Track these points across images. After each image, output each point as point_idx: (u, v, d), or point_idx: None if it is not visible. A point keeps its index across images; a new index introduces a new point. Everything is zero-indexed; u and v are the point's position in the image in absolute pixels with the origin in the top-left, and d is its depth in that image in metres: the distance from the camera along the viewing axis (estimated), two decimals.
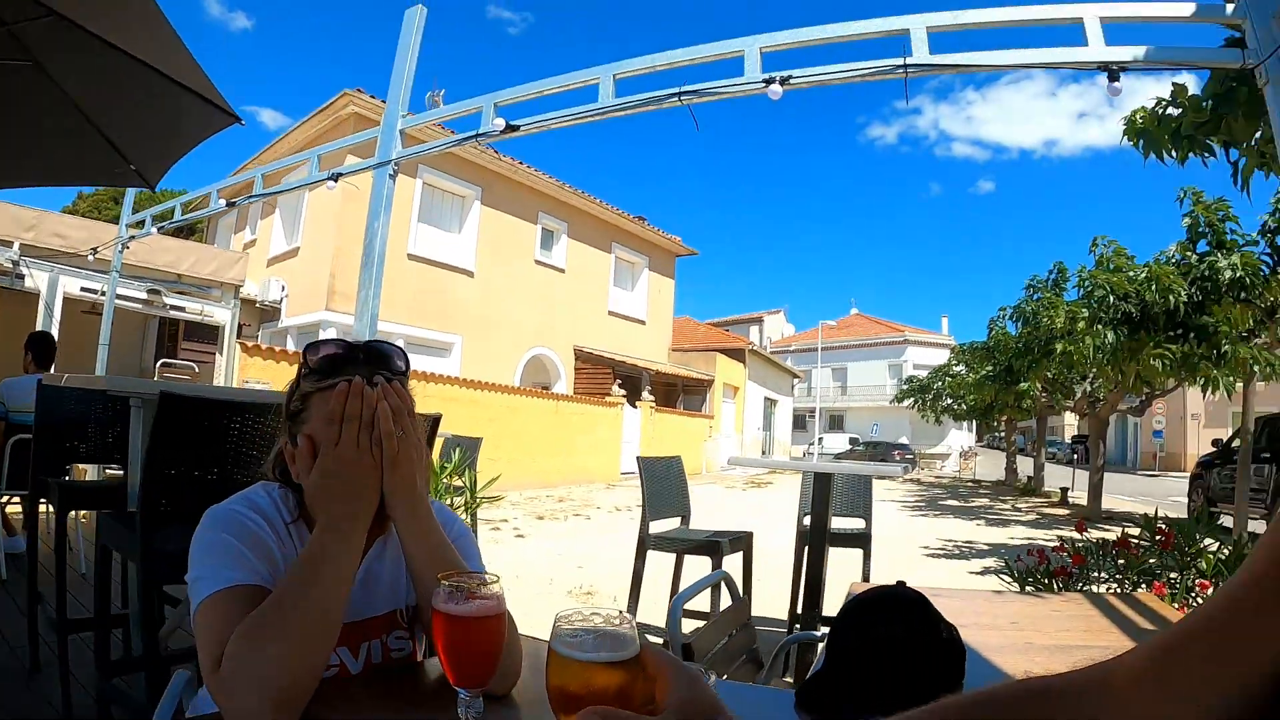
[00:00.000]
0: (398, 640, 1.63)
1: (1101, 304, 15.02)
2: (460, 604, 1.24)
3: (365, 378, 1.52)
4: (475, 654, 1.26)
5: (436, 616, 1.24)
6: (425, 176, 22.20)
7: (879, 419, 60.38)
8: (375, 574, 1.61)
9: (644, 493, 5.86)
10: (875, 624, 1.83)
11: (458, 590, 1.24)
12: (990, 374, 27.22)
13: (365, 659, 1.57)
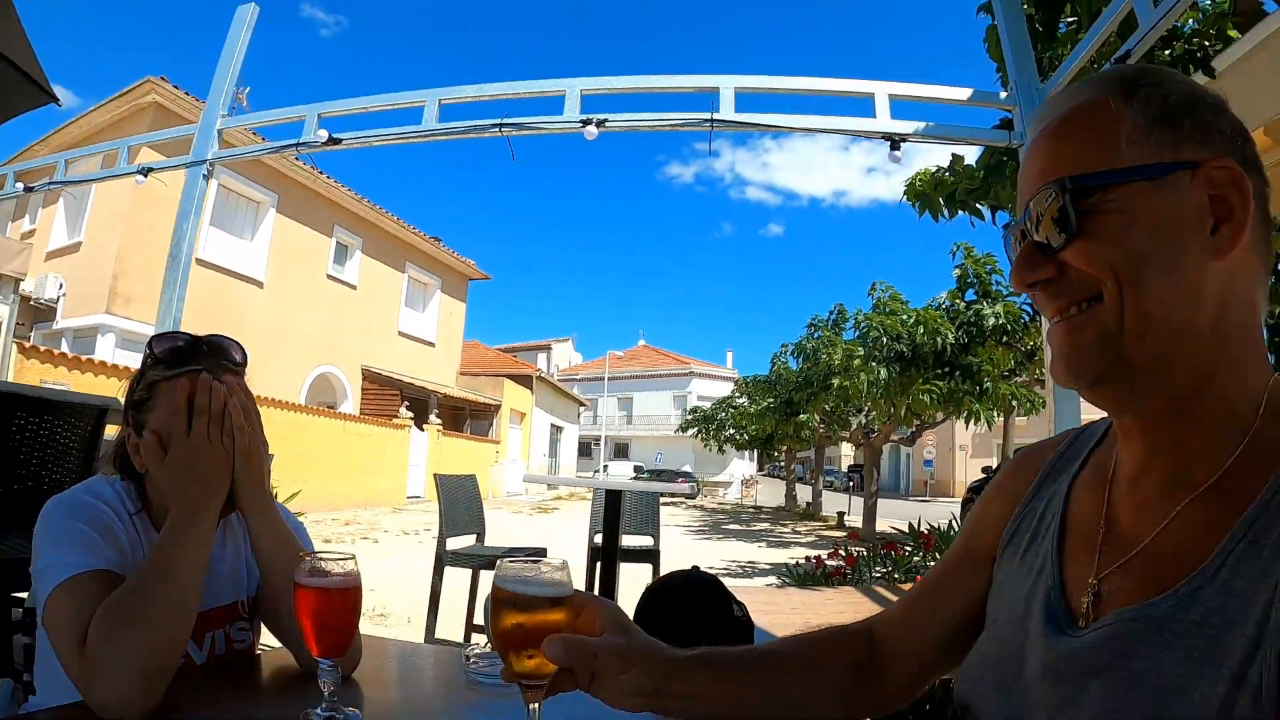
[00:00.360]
0: (240, 631, 1.67)
1: (876, 344, 16.15)
2: (323, 578, 1.32)
3: (209, 369, 1.60)
4: (337, 623, 1.33)
5: (301, 591, 1.31)
6: (221, 177, 20.65)
7: (663, 448, 61.24)
8: (217, 564, 1.64)
9: (441, 509, 5.93)
10: (674, 603, 2.03)
11: (320, 566, 1.32)
12: (771, 406, 28.20)
13: (209, 650, 1.60)
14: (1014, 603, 0.99)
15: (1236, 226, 0.84)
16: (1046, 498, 1.07)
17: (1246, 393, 0.85)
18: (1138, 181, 0.85)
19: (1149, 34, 3.31)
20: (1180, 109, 0.88)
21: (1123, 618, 0.82)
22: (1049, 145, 0.93)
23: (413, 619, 7.40)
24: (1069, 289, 0.89)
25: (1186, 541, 0.82)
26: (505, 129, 4.63)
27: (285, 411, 20.08)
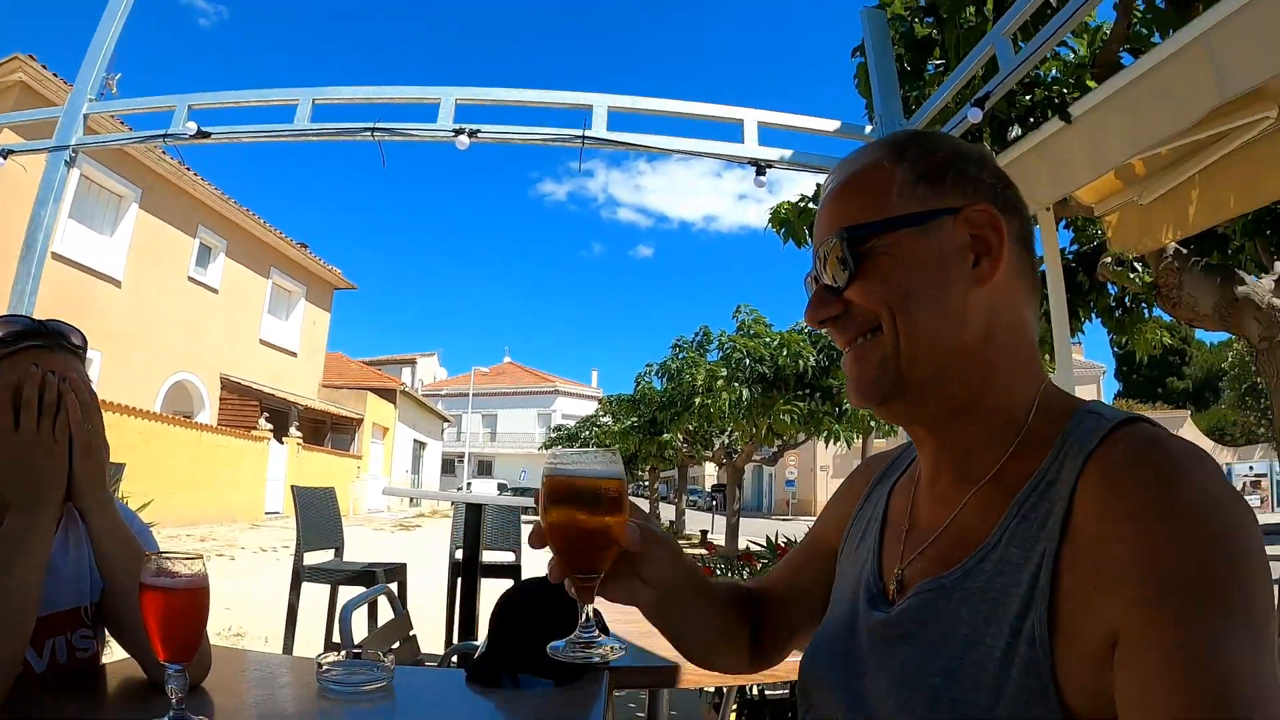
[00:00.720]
0: (83, 640, 1.60)
1: (739, 365, 16.37)
2: (170, 579, 1.27)
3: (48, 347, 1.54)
4: (186, 626, 1.30)
5: (147, 593, 1.27)
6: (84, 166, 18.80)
7: (527, 465, 61.01)
8: (58, 567, 1.55)
9: (299, 524, 5.75)
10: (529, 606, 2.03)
11: (166, 567, 1.28)
12: (635, 425, 28.17)
13: (50, 658, 1.53)
14: (846, 589, 1.16)
15: (994, 259, 0.99)
16: (875, 501, 1.24)
17: (1018, 396, 1.00)
18: (905, 228, 0.99)
19: (1008, 78, 3.47)
20: (944, 165, 1.03)
21: (920, 590, 0.96)
22: (835, 202, 1.07)
23: (269, 639, 7.14)
24: (853, 324, 1.03)
25: (973, 526, 0.96)
26: (378, 133, 4.55)
27: (139, 420, 19.02)
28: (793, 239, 5.38)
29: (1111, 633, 0.77)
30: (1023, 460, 0.95)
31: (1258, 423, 33.30)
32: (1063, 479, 0.88)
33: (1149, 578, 0.76)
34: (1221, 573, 0.75)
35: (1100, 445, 0.88)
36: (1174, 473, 0.81)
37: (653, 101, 4.57)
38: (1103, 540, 0.81)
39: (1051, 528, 0.85)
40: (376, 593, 2.99)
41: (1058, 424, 0.95)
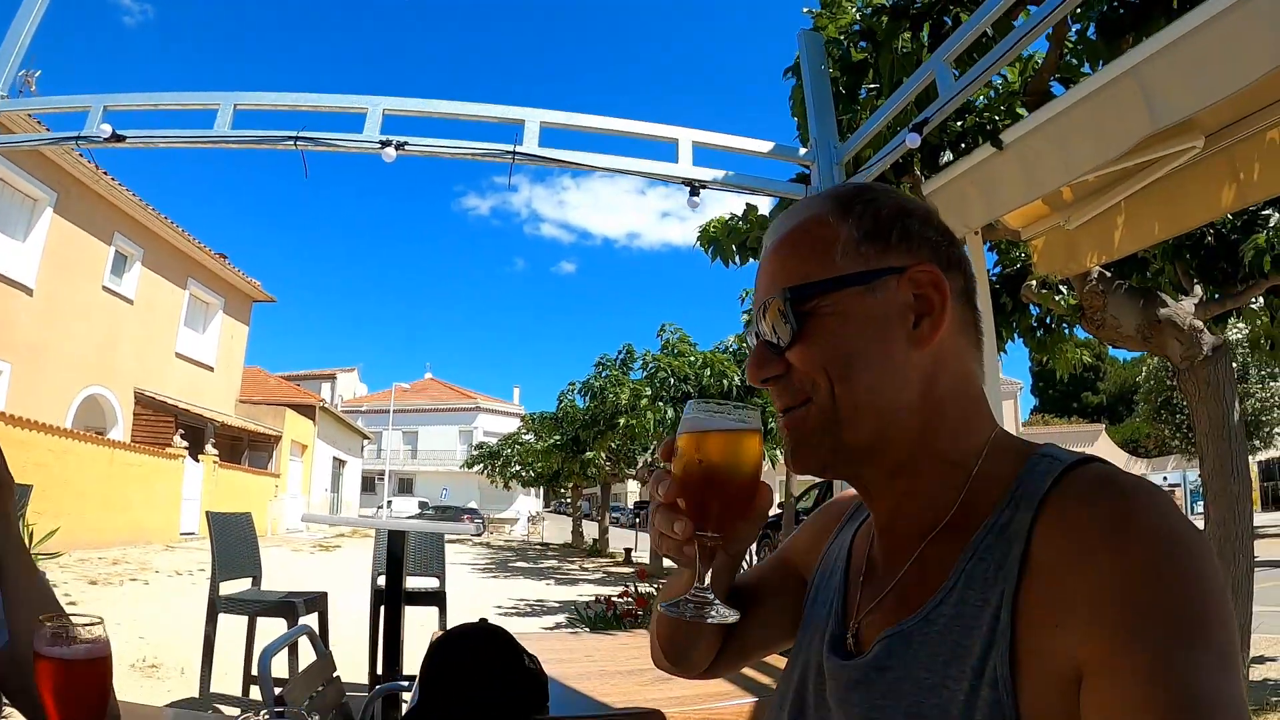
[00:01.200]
0: None
1: (663, 384, 16.41)
2: (67, 647, 1.17)
3: None
4: (85, 699, 1.20)
5: (42, 663, 1.17)
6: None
7: (449, 483, 60.44)
8: None
9: (214, 551, 5.54)
10: (463, 657, 1.94)
11: (62, 632, 1.18)
12: (558, 443, 28.18)
13: None
14: (812, 635, 1.13)
15: (935, 320, 0.98)
16: (840, 543, 1.22)
17: (967, 446, 0.99)
18: (850, 288, 0.98)
19: (948, 104, 3.48)
20: (889, 222, 1.02)
21: (880, 638, 0.95)
22: (777, 256, 1.06)
23: (186, 670, 6.88)
24: (793, 387, 1.01)
25: (929, 571, 0.95)
26: (301, 143, 4.35)
27: (49, 436, 18.15)
28: (721, 257, 5.37)
29: (1076, 667, 0.77)
30: (976, 506, 0.95)
31: (1172, 435, 34.41)
32: (1018, 519, 0.88)
33: (1113, 609, 0.76)
34: (1186, 600, 0.76)
35: (1055, 485, 0.88)
36: (1130, 506, 0.82)
37: (587, 118, 4.48)
38: (1063, 575, 0.81)
39: (1009, 568, 0.85)
40: (296, 634, 2.87)
41: (1011, 468, 0.95)
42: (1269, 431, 32.59)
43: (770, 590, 1.32)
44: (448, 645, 2.03)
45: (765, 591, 1.32)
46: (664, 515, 1.01)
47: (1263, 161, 3.39)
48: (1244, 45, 2.41)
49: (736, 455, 1.00)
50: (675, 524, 0.99)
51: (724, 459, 0.99)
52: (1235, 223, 5.50)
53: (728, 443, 1.00)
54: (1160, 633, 0.74)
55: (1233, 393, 5.51)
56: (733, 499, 1.00)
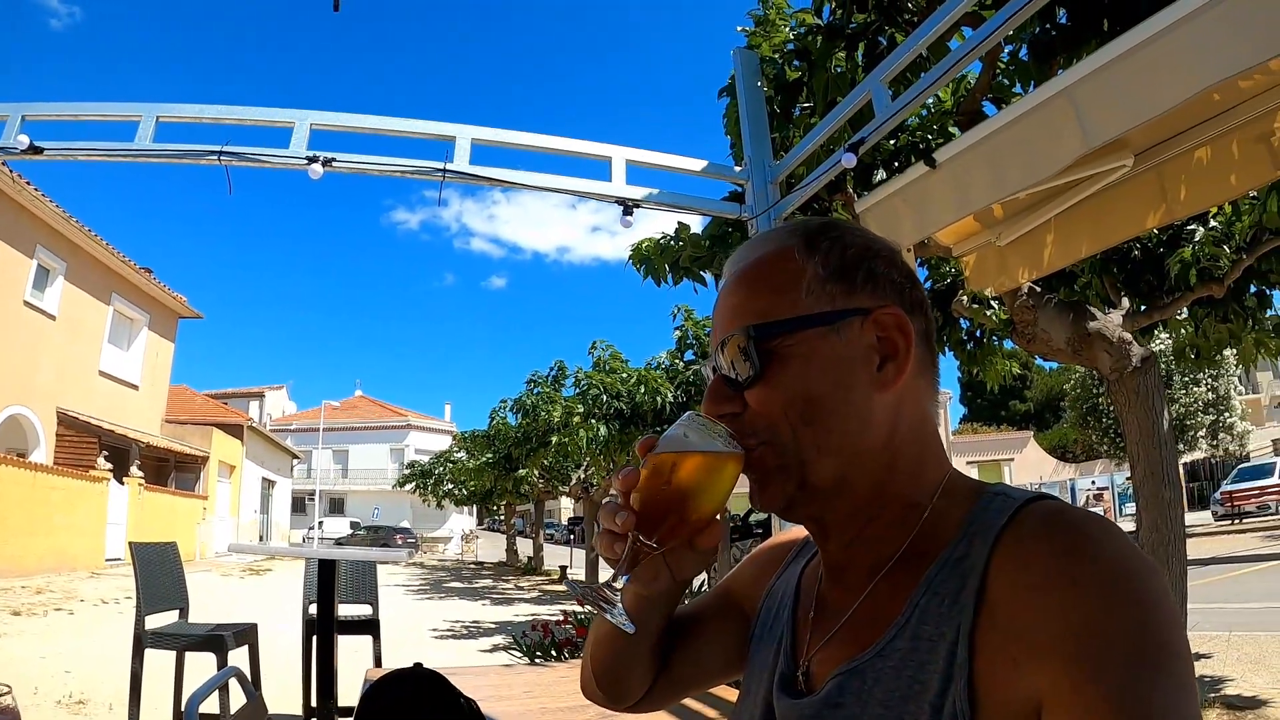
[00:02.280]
0: None
1: (596, 401, 16.35)
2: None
3: None
4: None
5: None
6: None
7: (380, 503, 59.54)
8: None
9: (138, 584, 5.34)
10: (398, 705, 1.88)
11: None
12: (490, 461, 28.01)
13: None
14: (760, 673, 1.10)
15: (899, 364, 0.97)
16: (788, 579, 1.19)
17: (924, 485, 0.98)
18: (815, 328, 0.96)
19: (883, 125, 3.49)
20: (856, 261, 1.01)
21: (833, 675, 0.93)
22: (740, 288, 1.04)
23: (115, 706, 6.64)
24: (751, 427, 0.97)
25: (882, 607, 0.93)
26: (225, 158, 4.20)
27: None
28: (653, 277, 5.34)
29: (1035, 701, 0.76)
30: (930, 542, 0.93)
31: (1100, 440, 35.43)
32: (974, 555, 0.87)
33: (1072, 641, 0.75)
34: (1144, 632, 0.75)
35: (1010, 521, 0.87)
36: (1084, 539, 0.81)
37: (519, 135, 4.41)
38: (1019, 609, 0.80)
39: (964, 603, 0.84)
40: (224, 677, 2.76)
41: (964, 506, 0.94)
42: (1193, 435, 33.64)
43: (708, 625, 1.29)
44: (381, 692, 1.97)
45: (703, 626, 1.29)
46: (613, 509, 0.97)
47: (1190, 179, 3.47)
48: (1173, 68, 2.46)
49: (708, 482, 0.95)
50: (619, 515, 0.95)
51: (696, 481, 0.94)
52: (1161, 237, 5.65)
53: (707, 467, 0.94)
54: (1120, 665, 0.73)
55: (1161, 402, 5.63)
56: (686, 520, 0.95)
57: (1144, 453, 5.56)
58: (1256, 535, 25.05)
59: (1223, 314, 5.98)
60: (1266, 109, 3.15)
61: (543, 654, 5.93)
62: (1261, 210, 4.91)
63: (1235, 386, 35.39)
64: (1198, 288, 5.48)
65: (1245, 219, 5.28)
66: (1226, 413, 34.39)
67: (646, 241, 5.44)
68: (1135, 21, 2.58)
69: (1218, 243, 5.36)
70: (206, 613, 7.58)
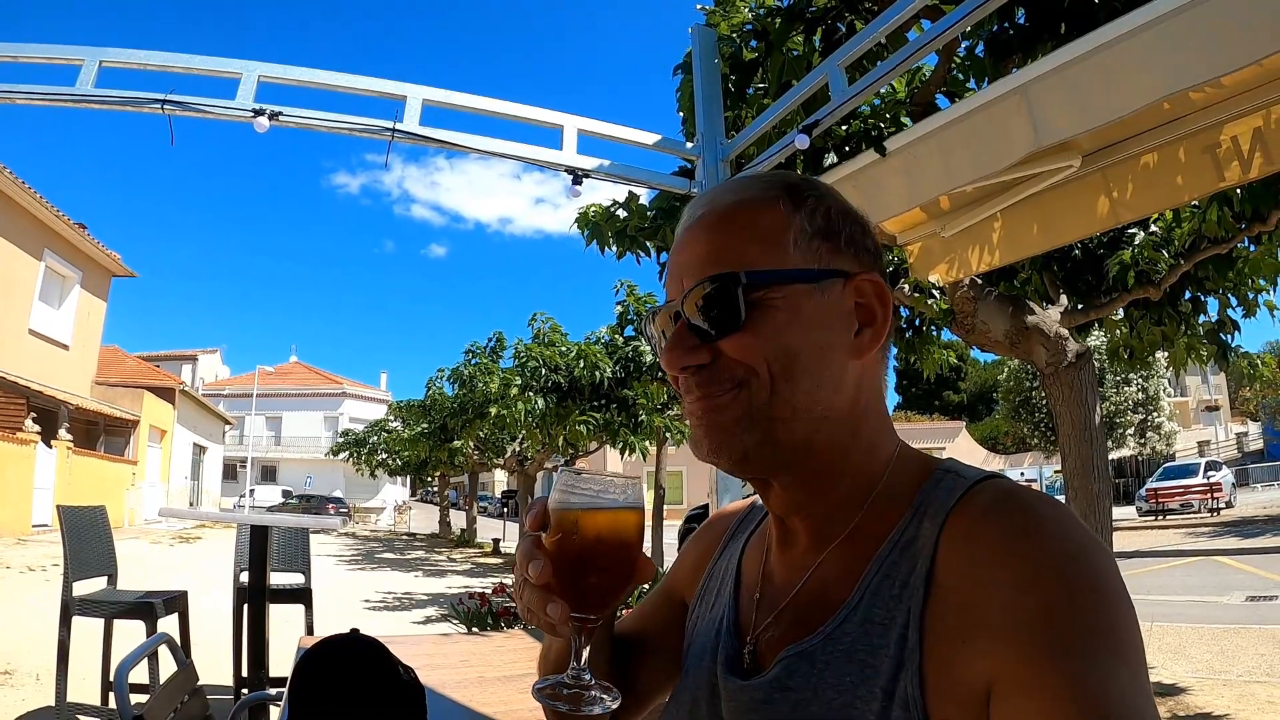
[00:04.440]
0: None
1: (534, 374, 16.30)
2: None
3: None
4: None
5: None
6: None
7: (313, 471, 58.85)
8: None
9: (66, 549, 5.21)
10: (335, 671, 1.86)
11: None
12: (426, 431, 27.79)
13: None
14: (701, 653, 1.08)
15: (876, 332, 0.97)
16: (729, 556, 1.17)
17: (876, 459, 0.97)
18: (800, 284, 0.93)
19: (838, 109, 3.51)
20: (839, 222, 0.98)
21: (782, 657, 0.91)
22: (713, 234, 0.98)
23: (42, 676, 6.52)
24: (719, 376, 0.94)
25: (831, 587, 0.92)
26: (168, 107, 4.02)
27: None
28: (598, 243, 5.32)
29: (987, 683, 0.76)
30: (878, 520, 0.93)
31: (1030, 433, 36.30)
32: (923, 536, 0.87)
33: (1024, 623, 0.75)
34: (1092, 612, 0.75)
35: (960, 502, 0.87)
36: (1033, 521, 0.82)
37: (471, 98, 4.32)
38: (970, 591, 0.80)
39: (915, 585, 0.84)
40: (154, 644, 2.72)
41: (913, 483, 0.94)
42: (1122, 433, 34.50)
43: (657, 631, 1.26)
44: (317, 659, 1.93)
45: (652, 633, 1.27)
46: (536, 595, 0.90)
47: (1136, 184, 3.54)
48: (1127, 76, 2.50)
49: (619, 535, 0.91)
50: (549, 606, 0.89)
51: (605, 540, 0.91)
52: (1102, 239, 5.77)
53: (610, 522, 0.91)
54: (1075, 648, 0.73)
55: (1094, 398, 5.75)
56: (613, 580, 0.92)
57: (1075, 446, 5.68)
58: (1179, 531, 25.80)
59: (1157, 317, 6.12)
60: (1213, 121, 3.22)
61: (479, 624, 5.92)
62: (1201, 219, 5.02)
63: (1165, 388, 36.41)
64: (1135, 290, 5.60)
65: (1185, 226, 5.41)
66: (1155, 413, 35.39)
67: (594, 207, 5.41)
68: (1093, 26, 2.62)
69: (1157, 247, 5.48)
70: (135, 580, 7.44)
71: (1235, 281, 5.89)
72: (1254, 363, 8.25)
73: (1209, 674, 7.88)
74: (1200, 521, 27.85)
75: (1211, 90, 3.01)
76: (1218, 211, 4.85)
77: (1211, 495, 29.96)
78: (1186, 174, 3.40)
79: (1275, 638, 9.59)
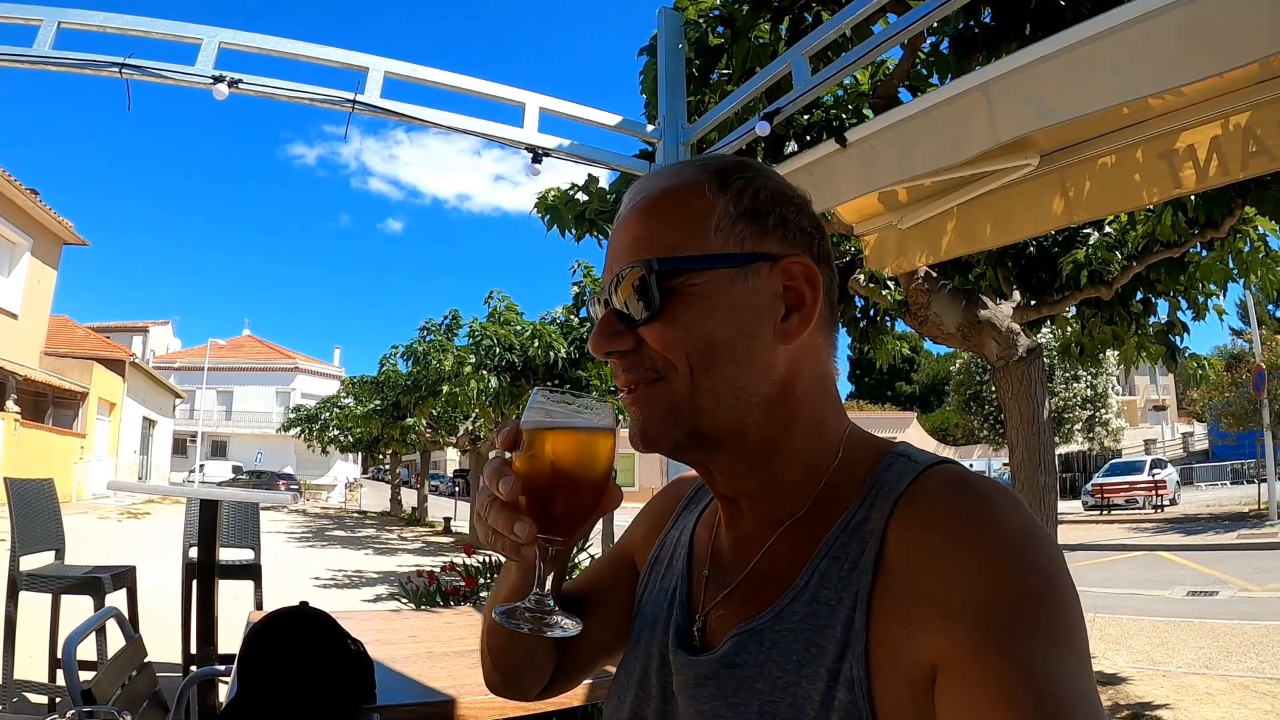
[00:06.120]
0: None
1: (489, 353, 16.25)
2: None
3: None
4: None
5: None
6: None
7: (264, 447, 58.22)
8: None
9: (13, 523, 5.18)
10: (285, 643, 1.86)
11: None
12: (378, 408, 27.60)
13: None
14: (651, 624, 1.09)
15: (804, 316, 0.95)
16: (681, 528, 1.18)
17: (821, 443, 0.97)
18: (721, 268, 0.93)
19: (801, 98, 3.53)
20: (767, 205, 0.97)
21: (732, 634, 0.92)
22: (642, 220, 0.99)
23: None
24: (642, 365, 0.96)
25: (780, 567, 0.93)
26: (126, 70, 3.91)
27: None
28: (558, 227, 5.31)
29: (931, 665, 0.77)
30: (829, 503, 0.93)
31: (981, 425, 36.77)
32: (873, 519, 0.87)
33: (967, 607, 0.76)
34: (1039, 598, 0.76)
35: (910, 485, 0.88)
36: (983, 504, 0.83)
37: (434, 72, 4.25)
38: (917, 574, 0.81)
39: (863, 568, 0.85)
40: (102, 618, 2.70)
41: (865, 466, 0.94)
42: (1069, 428, 35.00)
43: (608, 594, 1.25)
44: (267, 631, 1.95)
45: (603, 596, 1.25)
46: (503, 514, 0.91)
47: (1093, 185, 3.59)
48: (1088, 79, 2.53)
49: (590, 457, 0.93)
50: (516, 525, 0.89)
51: (576, 460, 0.92)
52: (1056, 237, 5.85)
53: (582, 443, 0.93)
54: (1017, 631, 0.74)
55: (1043, 392, 5.84)
56: (582, 503, 0.94)
57: (1023, 439, 5.77)
58: (1122, 526, 26.23)
59: (1109, 316, 6.22)
60: (1172, 128, 3.27)
61: (428, 602, 5.92)
62: (1156, 222, 5.11)
63: (1114, 386, 36.97)
64: (1087, 288, 5.69)
65: (1139, 228, 5.51)
66: (1103, 410, 35.90)
67: (553, 191, 5.40)
68: (1058, 29, 2.65)
69: (1110, 248, 5.57)
70: (83, 555, 7.34)
71: (1186, 285, 6.00)
72: (1202, 365, 8.41)
73: (1149, 665, 8.07)
74: (1144, 517, 28.30)
75: (1171, 97, 3.05)
76: (1172, 216, 4.94)
77: (1156, 492, 30.46)
78: (1143, 178, 3.45)
79: (1213, 631, 9.81)
